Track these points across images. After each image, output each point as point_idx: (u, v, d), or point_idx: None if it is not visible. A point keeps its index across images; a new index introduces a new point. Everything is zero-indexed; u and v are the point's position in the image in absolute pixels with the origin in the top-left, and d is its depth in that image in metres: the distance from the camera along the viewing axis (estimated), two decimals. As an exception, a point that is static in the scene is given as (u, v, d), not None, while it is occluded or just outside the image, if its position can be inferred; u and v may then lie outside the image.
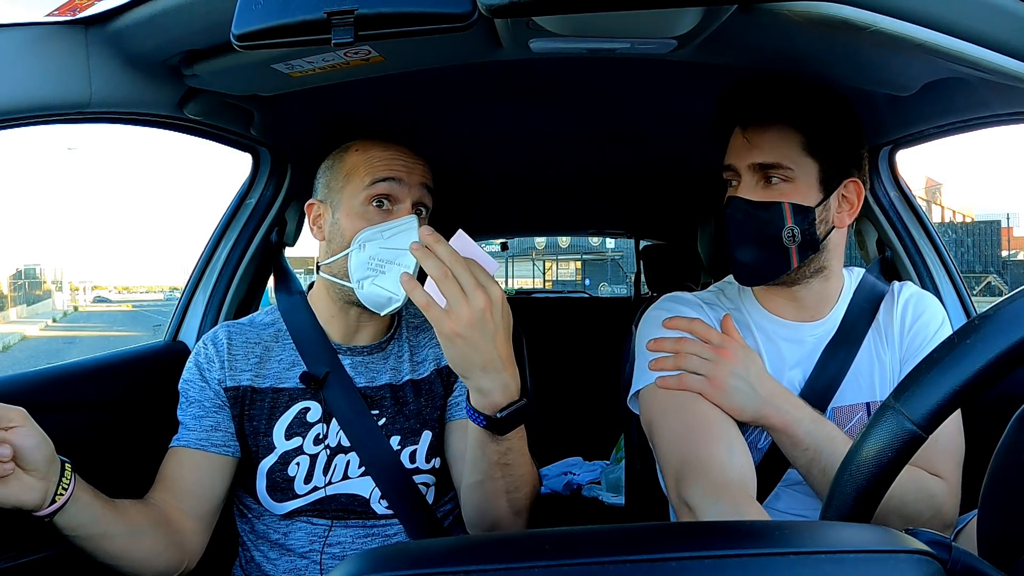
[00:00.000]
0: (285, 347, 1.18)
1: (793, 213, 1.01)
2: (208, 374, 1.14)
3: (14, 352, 17.20)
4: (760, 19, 0.88)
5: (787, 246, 1.02)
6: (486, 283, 0.88)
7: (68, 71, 0.93)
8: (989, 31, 0.74)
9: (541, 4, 0.59)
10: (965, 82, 1.07)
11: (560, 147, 1.95)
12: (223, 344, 1.16)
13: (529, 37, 0.99)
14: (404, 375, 1.20)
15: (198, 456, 1.11)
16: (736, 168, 1.06)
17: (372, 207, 1.11)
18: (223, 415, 1.13)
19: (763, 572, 0.38)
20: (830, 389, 1.07)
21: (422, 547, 0.46)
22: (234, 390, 1.14)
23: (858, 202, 1.07)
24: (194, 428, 1.12)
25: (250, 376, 1.15)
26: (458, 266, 0.87)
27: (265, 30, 0.66)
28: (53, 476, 0.89)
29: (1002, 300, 0.50)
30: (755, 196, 1.03)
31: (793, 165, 1.02)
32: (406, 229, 1.07)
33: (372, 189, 1.11)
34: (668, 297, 1.16)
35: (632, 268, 4.52)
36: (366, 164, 1.13)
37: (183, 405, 1.15)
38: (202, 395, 1.14)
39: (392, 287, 1.07)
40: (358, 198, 1.12)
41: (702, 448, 0.95)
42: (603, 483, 2.88)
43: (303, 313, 1.20)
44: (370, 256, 1.08)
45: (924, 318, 1.10)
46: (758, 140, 1.03)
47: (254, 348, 1.17)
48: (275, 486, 1.12)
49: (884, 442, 0.50)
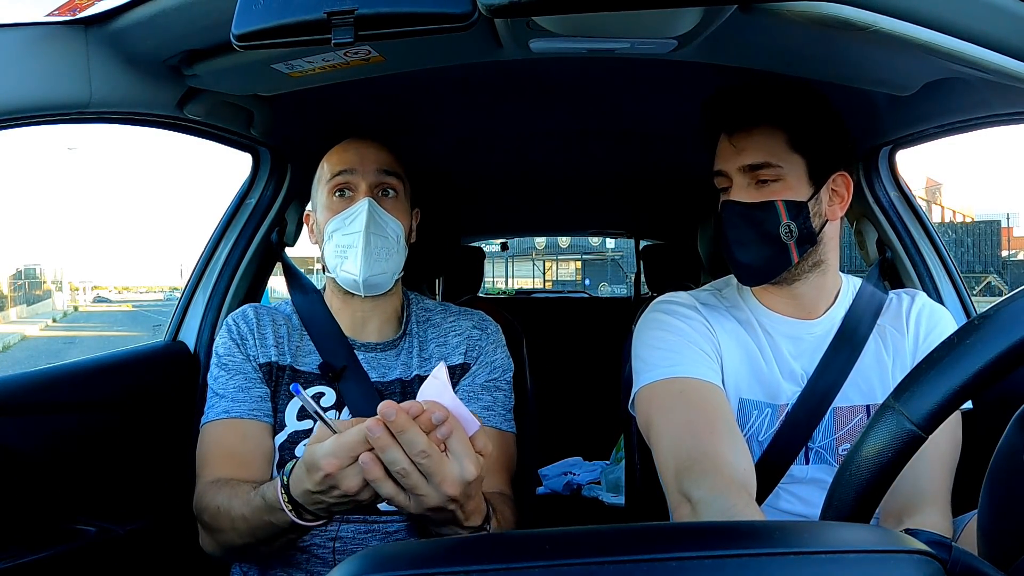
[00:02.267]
0: (303, 337, 1.22)
1: (787, 209, 1.04)
2: (245, 349, 1.17)
3: (14, 352, 17.19)
4: (760, 19, 0.88)
5: (785, 242, 1.05)
6: (461, 463, 0.79)
7: (68, 71, 0.93)
8: (989, 31, 0.74)
9: (541, 4, 0.59)
10: (965, 82, 1.07)
11: (560, 147, 1.95)
12: (252, 321, 1.20)
13: (529, 37, 0.99)
14: (413, 370, 1.22)
15: (253, 426, 1.12)
16: (727, 173, 1.08)
17: (334, 197, 1.19)
18: (265, 388, 1.16)
19: (763, 572, 0.38)
20: (832, 390, 1.07)
21: (422, 547, 0.46)
22: (266, 366, 1.17)
23: (848, 195, 1.10)
24: (242, 400, 1.13)
25: (275, 352, 1.18)
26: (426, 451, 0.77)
27: (265, 30, 0.66)
28: None
29: (1002, 300, 0.50)
30: (749, 197, 1.06)
31: (781, 163, 1.04)
32: (358, 213, 1.15)
33: (332, 182, 1.19)
34: (664, 300, 1.16)
35: (632, 268, 4.51)
36: (328, 163, 1.22)
37: (221, 380, 1.15)
38: (244, 367, 1.16)
39: (352, 268, 1.15)
40: (324, 193, 1.20)
41: (707, 444, 0.95)
42: (603, 483, 2.88)
43: (320, 309, 1.25)
44: (336, 244, 1.17)
45: (939, 329, 1.12)
46: (745, 143, 1.06)
47: (279, 327, 1.21)
48: (283, 464, 1.12)
49: (884, 442, 0.50)
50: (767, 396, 1.09)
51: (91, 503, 1.24)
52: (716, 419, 0.99)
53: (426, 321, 1.27)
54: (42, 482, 1.17)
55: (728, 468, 0.92)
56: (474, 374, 1.22)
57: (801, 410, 1.07)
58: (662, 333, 1.10)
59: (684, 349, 1.07)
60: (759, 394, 1.09)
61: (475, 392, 1.21)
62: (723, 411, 1.02)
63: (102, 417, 1.27)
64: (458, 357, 1.23)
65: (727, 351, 1.10)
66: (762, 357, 1.10)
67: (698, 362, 1.05)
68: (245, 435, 1.11)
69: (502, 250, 5.31)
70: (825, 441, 1.08)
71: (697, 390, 1.03)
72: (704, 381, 1.04)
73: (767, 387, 1.09)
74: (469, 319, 1.28)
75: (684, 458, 0.95)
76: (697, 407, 1.01)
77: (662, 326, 1.11)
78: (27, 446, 1.14)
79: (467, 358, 1.23)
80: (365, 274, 1.14)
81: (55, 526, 1.17)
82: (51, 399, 1.20)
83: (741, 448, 0.96)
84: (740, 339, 1.11)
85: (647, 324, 1.13)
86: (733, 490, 0.88)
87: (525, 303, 4.39)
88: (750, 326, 1.12)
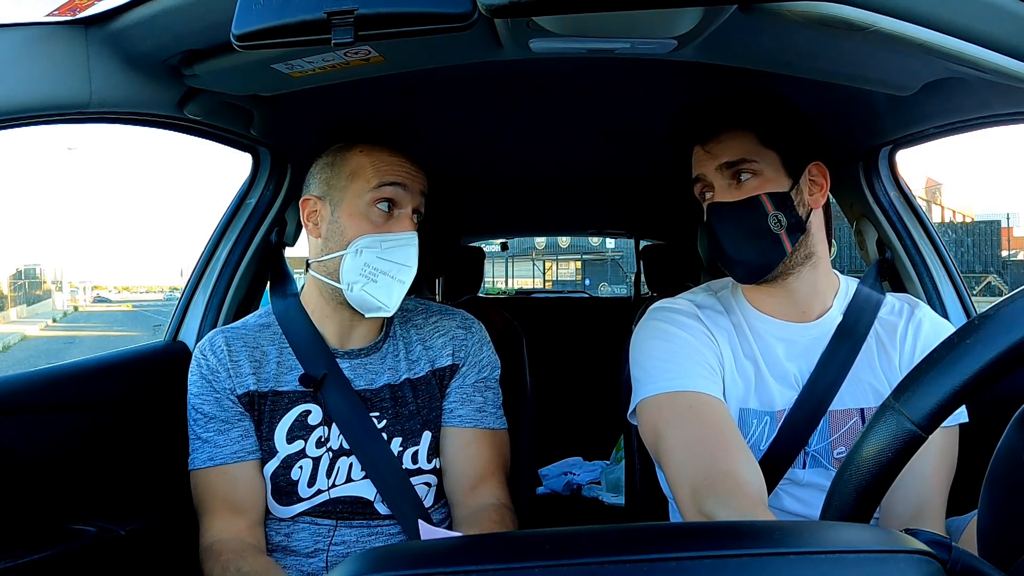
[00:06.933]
0: (282, 351, 1.18)
1: (772, 201, 1.06)
2: (217, 384, 1.14)
3: (14, 352, 17.18)
4: (760, 19, 0.88)
5: (776, 232, 1.06)
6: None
7: (68, 71, 0.93)
8: (989, 31, 0.74)
9: (541, 4, 0.59)
10: (965, 82, 1.07)
11: (560, 147, 1.95)
12: (223, 350, 1.15)
13: (529, 37, 0.99)
14: (401, 374, 1.19)
15: (239, 469, 1.11)
16: (705, 177, 1.11)
17: (376, 209, 1.12)
18: (246, 421, 1.13)
19: (763, 572, 0.38)
20: (829, 393, 1.07)
21: (422, 547, 0.46)
22: (245, 396, 1.14)
23: (826, 183, 1.13)
24: (224, 444, 1.12)
25: (253, 380, 1.15)
26: None
27: (265, 30, 0.66)
28: None
29: (1002, 300, 0.50)
30: (732, 197, 1.08)
31: (756, 157, 1.07)
32: (405, 244, 1.10)
33: (379, 192, 1.12)
34: (663, 307, 1.15)
35: (632, 268, 4.52)
36: (373, 166, 1.14)
37: (200, 422, 1.13)
38: (219, 408, 1.13)
39: (382, 297, 1.09)
40: (363, 199, 1.12)
41: (723, 462, 0.95)
42: (603, 483, 2.88)
43: (298, 316, 1.20)
44: (365, 263, 1.09)
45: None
46: (717, 148, 1.09)
47: (252, 352, 1.16)
48: (279, 490, 1.12)
49: (884, 442, 0.50)
50: (764, 404, 1.08)
51: (91, 503, 1.24)
52: (728, 436, 0.99)
53: (408, 322, 1.25)
54: (42, 482, 1.17)
55: (748, 487, 0.92)
56: (464, 375, 1.22)
57: (798, 414, 1.07)
58: (664, 343, 1.09)
59: (687, 361, 1.06)
60: (757, 403, 1.09)
61: (467, 394, 1.20)
62: (732, 427, 1.02)
63: (102, 417, 1.27)
64: (446, 359, 1.21)
65: (727, 360, 1.09)
66: (758, 365, 1.10)
67: (703, 375, 1.05)
68: (234, 480, 1.11)
69: (502, 250, 5.31)
70: (820, 445, 1.08)
71: (705, 405, 1.02)
72: (710, 396, 1.03)
73: (764, 395, 1.09)
74: (452, 319, 1.26)
75: (702, 476, 0.94)
76: (708, 423, 1.00)
77: (664, 335, 1.10)
78: (27, 446, 1.14)
79: (455, 359, 1.22)
80: (395, 308, 1.11)
81: (55, 526, 1.17)
82: (51, 399, 1.20)
83: (753, 464, 0.97)
84: (737, 347, 1.11)
85: (647, 332, 1.12)
86: (759, 510, 0.89)
87: (525, 303, 4.39)
88: (744, 332, 1.12)
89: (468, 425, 1.19)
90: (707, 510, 0.91)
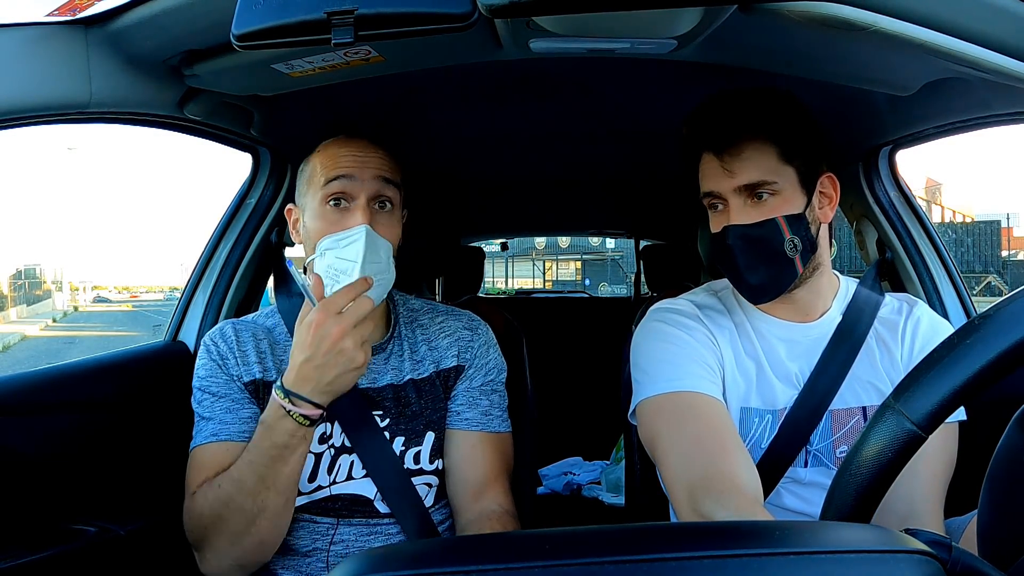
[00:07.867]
0: (287, 348, 1.17)
1: (788, 224, 1.03)
2: (226, 369, 1.14)
3: (14, 352, 17.19)
4: (760, 19, 0.88)
5: (791, 257, 1.04)
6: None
7: (68, 71, 0.93)
8: (989, 31, 0.74)
9: (541, 4, 0.59)
10: (965, 82, 1.07)
11: (560, 147, 1.95)
12: (232, 339, 1.15)
13: (529, 37, 0.99)
14: (405, 374, 1.19)
15: (243, 448, 1.08)
16: (719, 194, 1.06)
17: (329, 207, 1.10)
18: (253, 407, 1.12)
19: (763, 572, 0.38)
20: (829, 392, 1.07)
21: (422, 547, 0.46)
22: (252, 384, 1.13)
23: (836, 194, 1.10)
24: (231, 422, 1.10)
25: (259, 368, 1.14)
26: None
27: (265, 30, 0.66)
28: None
29: (1002, 300, 0.50)
30: (749, 218, 1.04)
31: (776, 178, 1.03)
32: (355, 240, 1.06)
33: (327, 189, 1.10)
34: (664, 308, 1.15)
35: (632, 268, 4.52)
36: (321, 164, 1.12)
37: (207, 401, 1.12)
38: (228, 388, 1.13)
39: None
40: (317, 199, 1.11)
41: (721, 462, 0.95)
42: (603, 483, 2.88)
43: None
44: (328, 264, 1.07)
45: (935, 342, 1.10)
46: (736, 163, 1.03)
47: (258, 343, 1.17)
48: None
49: (884, 442, 0.50)
50: (767, 403, 1.09)
51: (91, 503, 1.24)
52: (726, 437, 0.99)
53: (413, 322, 1.24)
54: (42, 482, 1.17)
55: (745, 487, 0.92)
56: (470, 378, 1.21)
57: (799, 413, 1.07)
58: (664, 344, 1.08)
59: (687, 363, 1.06)
60: (759, 402, 1.09)
61: (473, 397, 1.20)
62: (730, 428, 1.02)
63: (102, 417, 1.27)
64: (451, 360, 1.21)
65: (728, 360, 1.09)
66: (760, 363, 1.10)
67: (702, 377, 1.05)
68: (236, 458, 1.07)
69: (502, 250, 5.31)
70: (822, 444, 1.08)
71: (704, 406, 1.02)
72: (709, 397, 1.03)
73: (766, 394, 1.09)
74: (458, 319, 1.25)
75: (698, 476, 0.94)
76: (706, 424, 1.00)
77: (664, 337, 1.09)
78: (27, 446, 1.14)
79: (460, 360, 1.21)
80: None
81: (55, 526, 1.17)
82: (51, 399, 1.20)
83: (751, 465, 0.97)
84: (739, 346, 1.11)
85: (648, 334, 1.12)
86: (756, 510, 0.89)
87: (525, 303, 4.39)
88: (746, 331, 1.12)
89: (474, 428, 1.19)
90: (703, 510, 0.91)
